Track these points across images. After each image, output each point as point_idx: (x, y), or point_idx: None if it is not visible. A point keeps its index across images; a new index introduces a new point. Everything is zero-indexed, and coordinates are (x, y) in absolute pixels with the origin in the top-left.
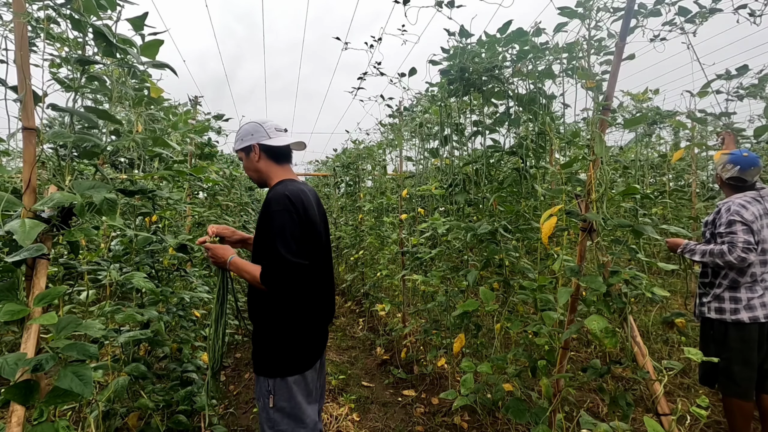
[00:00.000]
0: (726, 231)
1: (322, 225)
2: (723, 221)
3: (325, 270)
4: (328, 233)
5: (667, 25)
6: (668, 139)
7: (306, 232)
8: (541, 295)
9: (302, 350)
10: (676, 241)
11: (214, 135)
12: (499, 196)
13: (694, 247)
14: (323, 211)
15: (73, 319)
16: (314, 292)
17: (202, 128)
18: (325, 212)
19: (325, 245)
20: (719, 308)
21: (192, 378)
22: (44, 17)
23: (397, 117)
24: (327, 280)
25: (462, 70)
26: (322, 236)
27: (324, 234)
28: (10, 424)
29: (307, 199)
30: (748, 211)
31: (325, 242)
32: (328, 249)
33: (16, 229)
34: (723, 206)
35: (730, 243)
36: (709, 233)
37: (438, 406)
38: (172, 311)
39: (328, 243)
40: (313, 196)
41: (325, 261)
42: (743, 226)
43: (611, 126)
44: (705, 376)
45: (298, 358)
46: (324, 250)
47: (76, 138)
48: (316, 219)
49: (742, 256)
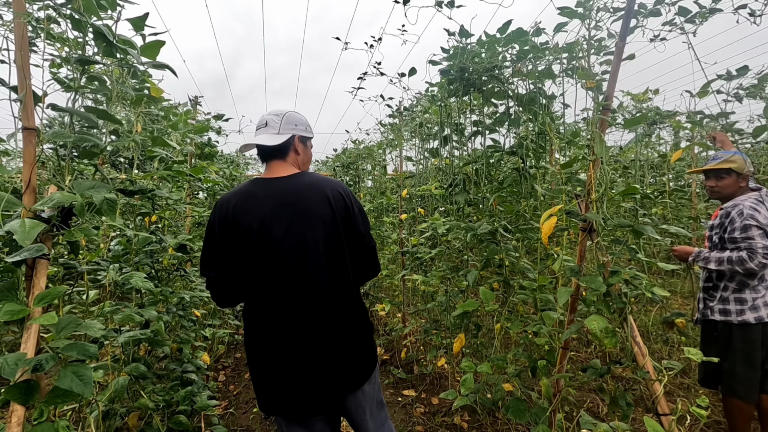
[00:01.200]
0: (742, 236)
1: (260, 236)
2: (737, 226)
3: (273, 291)
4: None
5: (667, 25)
6: (668, 139)
7: (225, 239)
8: (541, 295)
9: (256, 383)
10: (685, 249)
11: (214, 135)
12: (499, 196)
13: (707, 256)
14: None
15: (73, 319)
16: (256, 316)
17: (202, 128)
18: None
19: (274, 258)
20: (724, 310)
21: (192, 378)
22: (44, 17)
23: (397, 117)
24: (281, 306)
25: (462, 70)
26: (253, 251)
27: (264, 246)
28: (10, 424)
29: (241, 206)
30: (761, 214)
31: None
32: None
33: (16, 229)
34: (733, 210)
35: (750, 249)
36: (717, 237)
37: (438, 406)
38: (172, 311)
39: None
40: (261, 201)
41: (271, 280)
42: (759, 231)
43: (611, 126)
44: (706, 379)
45: (258, 394)
46: (269, 264)
47: (76, 138)
48: (247, 224)
49: (764, 262)
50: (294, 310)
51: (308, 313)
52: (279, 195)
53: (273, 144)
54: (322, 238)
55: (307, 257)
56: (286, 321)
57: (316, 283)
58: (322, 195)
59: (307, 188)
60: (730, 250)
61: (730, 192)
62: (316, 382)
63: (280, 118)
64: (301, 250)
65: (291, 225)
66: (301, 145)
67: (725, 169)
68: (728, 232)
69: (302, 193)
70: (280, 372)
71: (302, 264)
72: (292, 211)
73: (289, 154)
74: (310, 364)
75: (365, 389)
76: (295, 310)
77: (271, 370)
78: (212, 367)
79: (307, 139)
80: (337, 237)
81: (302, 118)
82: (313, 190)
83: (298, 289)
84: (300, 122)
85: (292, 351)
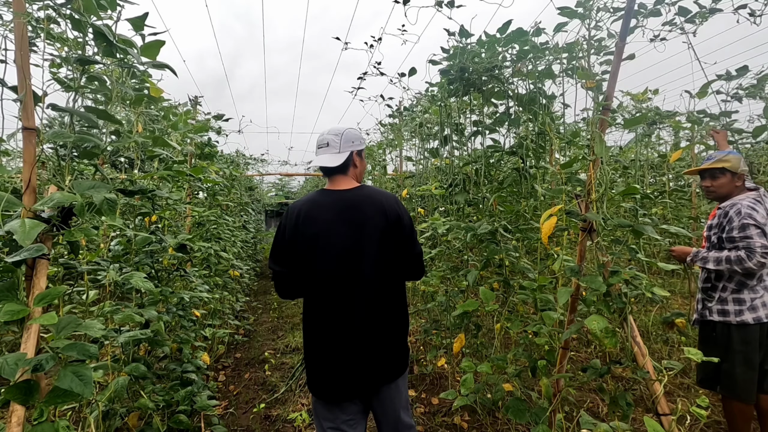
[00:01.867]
0: (740, 236)
1: (324, 241)
2: (735, 225)
3: (331, 294)
4: (342, 252)
5: (667, 25)
6: (668, 139)
7: (294, 241)
8: (541, 295)
9: (309, 368)
10: (683, 249)
11: (213, 135)
12: (499, 196)
13: (705, 255)
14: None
15: (73, 319)
16: (317, 310)
17: (202, 128)
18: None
19: (331, 262)
20: (722, 310)
21: (192, 378)
22: (44, 17)
23: (397, 117)
24: (339, 307)
25: (462, 70)
26: (316, 253)
27: (325, 251)
28: (10, 424)
29: (308, 213)
30: (759, 213)
31: (333, 260)
32: (340, 270)
33: (16, 229)
34: (731, 209)
35: (748, 249)
36: (715, 237)
37: (438, 406)
38: (172, 311)
39: (344, 261)
40: (326, 210)
41: (330, 283)
42: (757, 230)
43: (611, 126)
44: (705, 380)
45: (309, 376)
46: (329, 266)
47: (76, 138)
48: (313, 230)
49: (762, 261)
50: (346, 307)
51: (358, 310)
52: (341, 205)
53: (336, 164)
54: (376, 245)
55: (362, 261)
56: (338, 316)
57: (368, 285)
58: (377, 206)
59: (365, 200)
60: (729, 250)
61: (726, 191)
62: (359, 369)
63: (339, 138)
64: (357, 255)
65: (350, 232)
66: (357, 158)
67: (719, 168)
68: (726, 231)
69: (361, 205)
70: (329, 359)
71: (357, 267)
72: (352, 220)
73: (349, 170)
74: (356, 354)
75: (399, 383)
76: (347, 308)
77: (323, 357)
78: (212, 367)
79: (362, 151)
80: (388, 244)
81: (357, 133)
82: (369, 202)
83: (351, 289)
84: (356, 138)
85: (341, 342)
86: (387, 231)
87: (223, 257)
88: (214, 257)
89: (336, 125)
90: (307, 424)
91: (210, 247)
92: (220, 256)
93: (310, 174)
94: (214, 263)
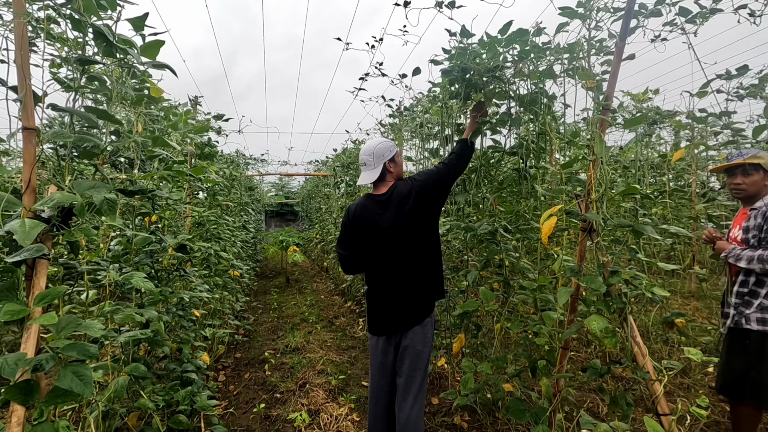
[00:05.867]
0: None
1: (368, 233)
2: None
3: (375, 270)
4: (378, 242)
5: (667, 26)
6: (668, 139)
7: (352, 232)
8: (541, 295)
9: (368, 316)
10: (722, 244)
11: (213, 135)
12: (499, 196)
13: (740, 253)
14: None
15: (73, 319)
16: (369, 280)
17: (202, 128)
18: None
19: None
20: (762, 319)
21: (192, 378)
22: (44, 17)
23: (397, 117)
24: (379, 279)
25: (464, 71)
26: (364, 242)
27: (369, 241)
28: (10, 424)
29: (358, 213)
30: None
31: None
32: (378, 254)
33: (16, 229)
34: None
35: None
36: (755, 240)
37: (438, 405)
38: (171, 311)
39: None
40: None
41: (373, 263)
42: None
43: (611, 126)
44: (726, 387)
45: (369, 321)
46: (372, 251)
47: (76, 138)
48: (364, 225)
49: None
50: (386, 278)
51: (394, 280)
52: (378, 207)
53: (374, 179)
54: (411, 226)
55: (396, 245)
56: (381, 284)
57: (400, 263)
58: (402, 198)
59: (394, 198)
60: (763, 248)
61: (756, 190)
62: (396, 317)
63: (372, 156)
64: (391, 241)
65: (386, 224)
66: (391, 164)
67: (754, 164)
68: (765, 231)
69: (390, 203)
70: (377, 311)
71: (392, 249)
72: (386, 215)
73: (386, 177)
74: (393, 309)
75: (416, 329)
76: (387, 278)
77: (374, 310)
78: (212, 367)
79: (394, 156)
80: (425, 209)
81: (385, 144)
82: (396, 198)
83: (388, 266)
84: (385, 150)
85: (385, 301)
86: (416, 205)
87: (223, 257)
88: (214, 257)
89: (369, 143)
90: (307, 424)
91: (210, 247)
92: (220, 256)
93: (310, 174)
94: (214, 263)
